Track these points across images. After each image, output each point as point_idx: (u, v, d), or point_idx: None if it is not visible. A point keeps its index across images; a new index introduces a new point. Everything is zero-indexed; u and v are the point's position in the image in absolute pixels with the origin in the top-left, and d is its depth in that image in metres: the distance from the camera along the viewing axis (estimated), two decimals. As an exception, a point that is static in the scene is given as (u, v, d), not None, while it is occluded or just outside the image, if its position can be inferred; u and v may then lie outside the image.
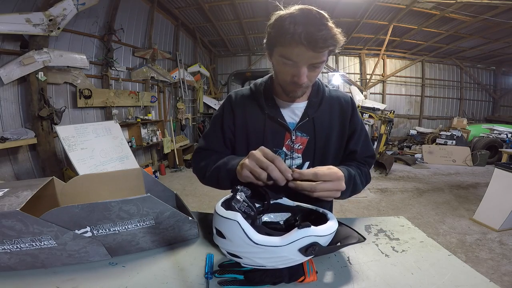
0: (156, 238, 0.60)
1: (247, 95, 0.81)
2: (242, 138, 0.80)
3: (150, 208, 0.55)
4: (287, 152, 0.77)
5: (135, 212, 0.54)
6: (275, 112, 0.76)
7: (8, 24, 2.35)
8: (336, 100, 0.80)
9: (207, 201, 3.45)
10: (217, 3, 5.05)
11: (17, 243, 0.49)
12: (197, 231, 0.65)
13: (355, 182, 0.71)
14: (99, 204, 0.51)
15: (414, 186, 4.17)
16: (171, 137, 5.10)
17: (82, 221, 0.52)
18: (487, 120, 8.07)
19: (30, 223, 0.48)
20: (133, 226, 0.56)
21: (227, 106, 0.81)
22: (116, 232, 0.55)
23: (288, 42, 0.58)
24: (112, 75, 3.86)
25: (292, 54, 0.59)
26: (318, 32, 0.56)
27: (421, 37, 6.61)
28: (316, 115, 0.76)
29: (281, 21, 0.59)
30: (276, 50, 0.63)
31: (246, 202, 0.52)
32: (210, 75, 7.34)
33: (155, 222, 0.57)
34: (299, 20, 0.56)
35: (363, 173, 0.78)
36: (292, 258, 0.47)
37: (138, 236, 0.58)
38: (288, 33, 0.57)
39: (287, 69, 0.64)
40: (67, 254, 0.53)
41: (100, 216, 0.52)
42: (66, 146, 2.48)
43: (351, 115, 0.80)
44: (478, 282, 0.50)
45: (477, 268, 1.41)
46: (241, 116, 0.79)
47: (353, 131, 0.80)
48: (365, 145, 0.82)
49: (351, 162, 0.80)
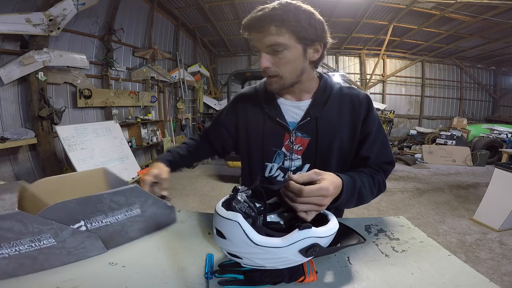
0: (142, 226, 0.64)
1: (251, 94, 0.81)
2: (243, 138, 0.79)
3: (136, 197, 0.61)
4: (286, 153, 0.75)
5: (124, 202, 0.59)
6: (274, 111, 0.74)
7: (8, 24, 2.34)
8: (348, 98, 0.72)
9: (207, 201, 3.45)
10: (217, 3, 5.05)
11: (16, 246, 0.48)
12: (175, 216, 0.72)
13: (361, 193, 0.65)
14: (93, 197, 0.55)
15: (414, 186, 4.17)
16: (171, 137, 5.10)
17: (77, 215, 0.54)
18: (487, 120, 8.07)
19: (30, 222, 0.48)
20: (122, 216, 0.60)
21: (231, 104, 0.84)
22: (108, 224, 0.58)
23: (245, 31, 0.65)
24: (112, 75, 3.86)
25: (252, 41, 0.65)
26: (258, 12, 0.61)
27: (421, 37, 6.61)
28: (320, 115, 0.71)
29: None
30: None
31: (246, 202, 0.52)
32: (210, 75, 7.34)
33: (140, 211, 0.63)
34: (255, 11, 0.62)
35: (375, 182, 0.70)
36: (292, 259, 0.47)
37: (126, 226, 0.61)
38: (244, 24, 0.64)
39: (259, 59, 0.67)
40: (66, 252, 0.53)
41: (94, 208, 0.55)
42: (66, 146, 2.48)
43: (366, 116, 0.71)
44: (478, 282, 0.50)
45: (477, 268, 1.41)
46: (243, 115, 0.79)
47: (366, 135, 0.71)
48: (382, 151, 0.73)
49: (364, 169, 0.72)
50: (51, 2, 2.64)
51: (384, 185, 0.74)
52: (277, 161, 0.76)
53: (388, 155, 0.75)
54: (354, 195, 0.63)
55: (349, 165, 0.76)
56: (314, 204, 0.53)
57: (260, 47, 0.64)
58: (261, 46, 0.63)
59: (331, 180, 0.56)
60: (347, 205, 0.64)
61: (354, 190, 0.62)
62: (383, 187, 0.73)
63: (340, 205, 0.61)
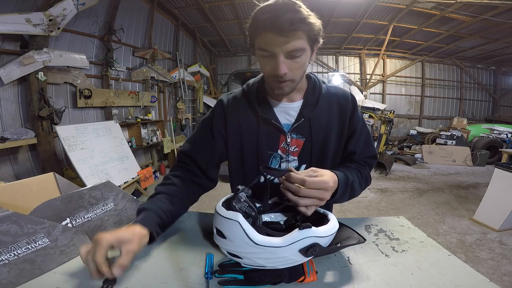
0: (116, 220, 0.69)
1: (240, 97, 0.77)
2: (235, 143, 0.75)
3: (110, 192, 0.67)
4: (282, 155, 0.74)
5: (100, 197, 0.65)
6: (268, 113, 0.72)
7: (8, 24, 2.34)
8: (335, 98, 0.75)
9: (207, 201, 3.43)
10: (217, 3, 5.04)
11: (14, 250, 0.48)
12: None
13: (353, 188, 0.67)
14: (74, 193, 0.60)
15: (414, 186, 4.17)
16: (171, 137, 5.10)
17: (62, 213, 0.57)
18: (487, 120, 8.07)
19: (25, 223, 0.48)
20: (100, 210, 0.65)
21: (217, 110, 0.77)
22: (89, 219, 0.63)
23: (259, 31, 0.58)
24: (112, 75, 3.85)
25: (265, 43, 0.58)
26: (284, 15, 0.54)
27: (421, 37, 6.61)
28: (313, 115, 0.72)
29: (253, 13, 0.59)
30: (255, 45, 0.62)
31: (247, 202, 0.52)
32: (210, 75, 7.33)
33: (113, 205, 0.68)
34: (268, 9, 0.56)
35: (363, 176, 0.75)
36: (292, 259, 0.47)
37: (104, 220, 0.66)
38: (259, 21, 0.57)
39: (267, 62, 0.61)
40: (59, 251, 0.54)
41: (76, 205, 0.60)
42: (66, 146, 2.48)
43: (351, 113, 0.74)
44: (478, 282, 0.50)
45: (477, 268, 1.41)
46: (234, 120, 0.74)
47: (353, 131, 0.75)
48: (366, 145, 0.77)
49: (351, 164, 0.76)
50: (51, 2, 2.63)
51: (370, 179, 0.78)
52: (273, 164, 0.75)
53: (372, 149, 0.80)
54: (347, 190, 0.65)
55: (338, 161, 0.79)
56: (315, 197, 0.54)
57: (279, 51, 0.57)
58: (280, 50, 0.57)
59: (330, 175, 0.59)
60: (341, 200, 0.66)
61: (347, 185, 0.65)
62: (369, 180, 0.78)
63: (336, 201, 0.62)
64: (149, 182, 3.58)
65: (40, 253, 0.51)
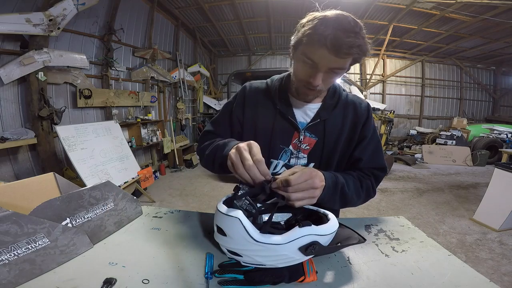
0: (116, 220, 0.69)
1: (262, 88, 0.81)
2: (250, 131, 0.79)
3: (109, 192, 0.67)
4: (293, 151, 0.76)
5: (100, 197, 0.65)
6: (286, 109, 0.75)
7: (8, 24, 2.34)
8: (352, 105, 0.77)
9: (207, 201, 3.45)
10: (217, 3, 5.05)
11: (14, 250, 0.48)
12: (140, 209, 0.78)
13: (344, 192, 0.65)
14: (74, 193, 0.59)
15: (414, 186, 4.17)
16: (171, 137, 5.10)
17: (62, 213, 0.57)
18: (487, 120, 8.08)
19: (25, 223, 0.48)
20: (100, 210, 0.65)
21: (240, 96, 0.82)
22: (89, 219, 0.62)
23: (314, 42, 0.58)
24: (112, 75, 3.86)
25: (315, 54, 0.59)
26: (346, 38, 0.55)
27: (421, 37, 6.61)
28: (329, 118, 0.74)
29: (313, 21, 0.59)
30: (300, 48, 0.63)
31: (247, 200, 0.52)
32: (210, 75, 7.34)
33: (113, 205, 0.68)
34: (331, 24, 0.57)
35: (363, 185, 0.72)
36: (292, 257, 0.47)
37: (104, 220, 0.65)
38: (317, 33, 0.57)
39: (305, 69, 0.63)
40: (59, 251, 0.54)
41: (76, 205, 0.59)
42: (66, 146, 2.48)
43: (365, 121, 0.76)
44: (478, 282, 0.50)
45: (477, 268, 1.42)
46: (252, 109, 0.79)
47: (362, 138, 0.75)
48: (374, 155, 0.76)
49: (353, 172, 0.74)
50: (51, 2, 2.64)
51: (373, 191, 0.75)
52: (283, 158, 0.78)
53: (380, 161, 0.77)
54: (336, 192, 0.64)
55: (344, 167, 0.78)
56: (304, 189, 0.54)
57: (323, 66, 0.60)
58: (323, 65, 0.60)
59: (311, 169, 0.58)
60: (331, 202, 0.64)
61: (336, 186, 0.63)
62: (372, 192, 0.75)
63: (323, 201, 0.61)
64: (149, 182, 3.58)
65: (40, 253, 0.51)
